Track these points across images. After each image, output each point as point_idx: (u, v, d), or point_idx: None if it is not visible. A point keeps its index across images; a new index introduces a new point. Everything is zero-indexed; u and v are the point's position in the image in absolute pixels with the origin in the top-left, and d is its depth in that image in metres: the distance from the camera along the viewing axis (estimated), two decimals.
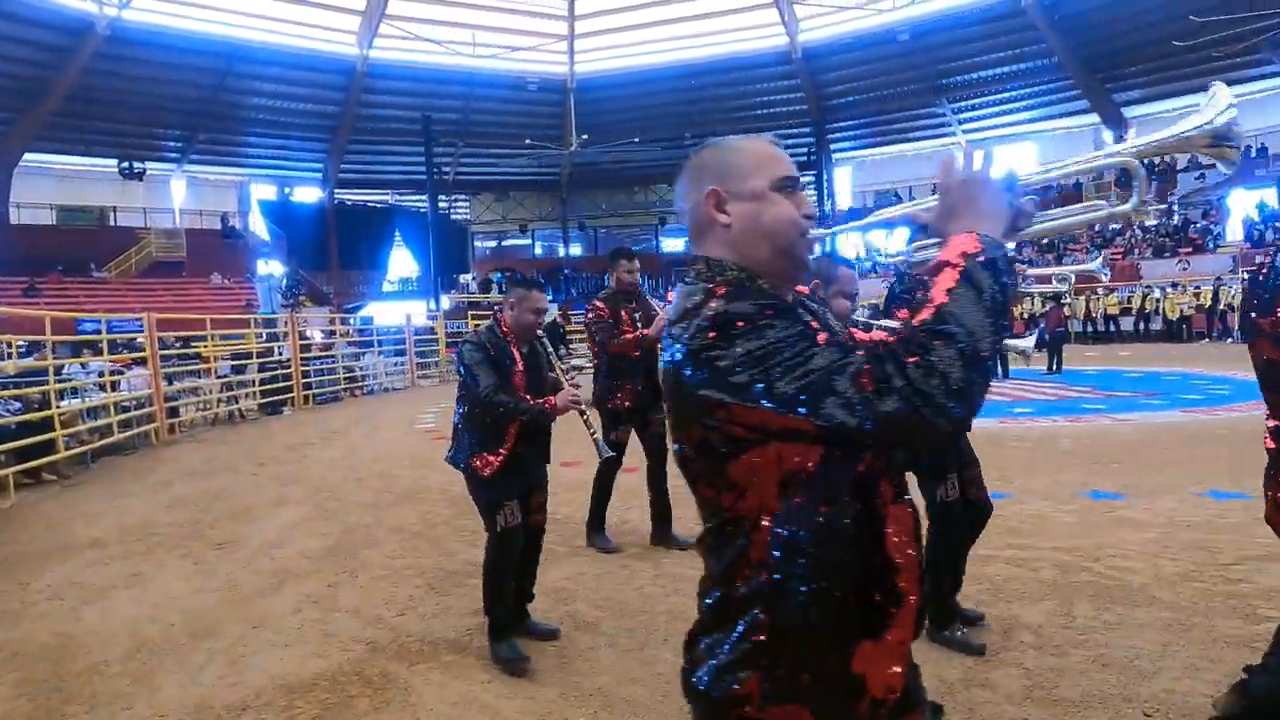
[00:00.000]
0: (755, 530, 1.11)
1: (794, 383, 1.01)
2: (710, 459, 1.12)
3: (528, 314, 3.35)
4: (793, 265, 1.23)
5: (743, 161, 1.26)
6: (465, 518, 5.64)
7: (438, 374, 19.73)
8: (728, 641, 1.13)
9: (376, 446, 9.28)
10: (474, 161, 35.64)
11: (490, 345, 3.28)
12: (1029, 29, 27.45)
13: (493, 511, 3.27)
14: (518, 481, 3.33)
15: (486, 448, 3.27)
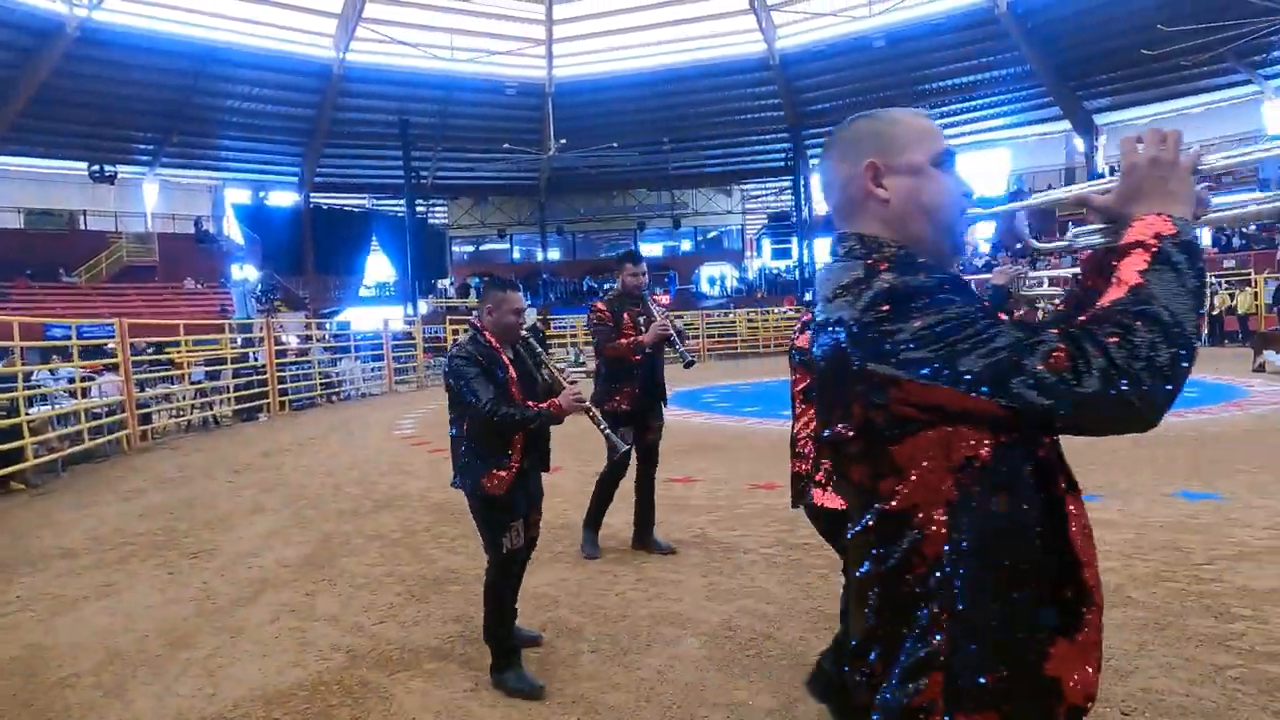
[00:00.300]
0: (927, 522, 1.03)
1: (979, 360, 0.95)
2: (872, 441, 1.05)
3: (508, 315, 3.20)
4: (952, 244, 1.19)
5: (901, 134, 1.18)
6: (445, 524, 5.60)
7: (415, 380, 19.60)
8: (903, 646, 1.05)
9: (354, 453, 9.19)
10: (452, 165, 35.48)
11: (481, 356, 3.11)
12: (1002, 37, 27.82)
13: (499, 533, 3.13)
14: (523, 497, 3.19)
15: (496, 464, 3.10)
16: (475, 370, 3.07)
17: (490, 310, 3.20)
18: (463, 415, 3.15)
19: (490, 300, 3.22)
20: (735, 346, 27.07)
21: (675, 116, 33.00)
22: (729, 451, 8.11)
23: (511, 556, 3.16)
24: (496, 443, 3.10)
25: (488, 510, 3.14)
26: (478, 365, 3.08)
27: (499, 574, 3.18)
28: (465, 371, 3.06)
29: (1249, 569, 3.89)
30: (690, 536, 5.01)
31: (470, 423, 3.11)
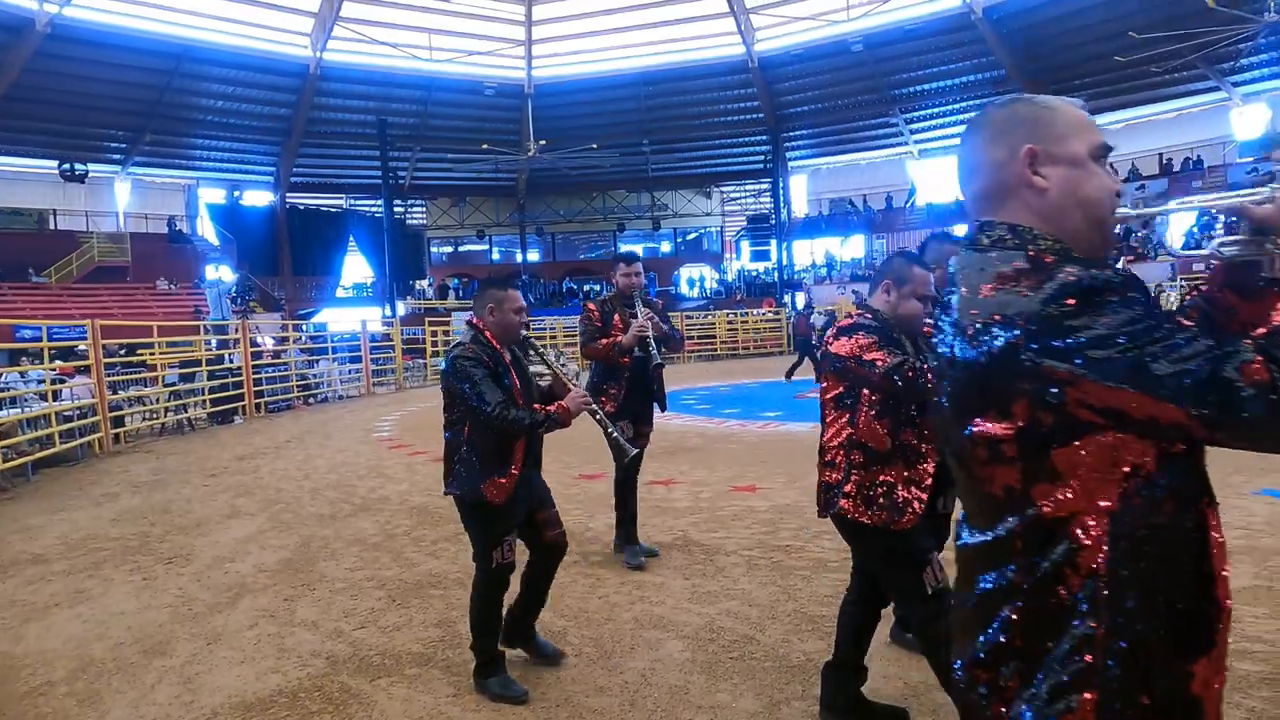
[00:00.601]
0: (1085, 532, 0.98)
1: (1172, 366, 0.90)
2: (1032, 444, 0.99)
3: (510, 315, 3.07)
4: (1104, 241, 1.13)
5: (1061, 122, 1.13)
6: (425, 528, 5.57)
7: (394, 381, 19.45)
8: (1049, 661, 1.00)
9: (332, 456, 9.10)
10: (430, 166, 35.29)
11: (487, 357, 2.97)
12: (978, 42, 28.15)
13: (491, 545, 3.04)
14: (522, 508, 3.11)
15: (497, 471, 2.98)
16: (483, 372, 2.92)
17: (491, 309, 3.07)
18: (463, 419, 3.00)
19: (490, 299, 3.09)
20: (715, 348, 27.13)
21: (655, 118, 33.07)
22: (709, 453, 8.13)
23: (500, 571, 3.06)
24: (499, 448, 2.97)
25: (484, 520, 3.03)
26: (485, 367, 2.93)
27: (487, 588, 3.08)
28: (472, 373, 2.91)
29: None
30: (672, 539, 5.01)
31: (473, 427, 2.97)
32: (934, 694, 2.86)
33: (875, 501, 2.46)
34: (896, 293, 2.55)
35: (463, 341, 3.03)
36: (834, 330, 2.59)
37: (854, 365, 2.43)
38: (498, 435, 2.94)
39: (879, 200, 34.26)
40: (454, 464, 3.04)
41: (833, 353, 2.51)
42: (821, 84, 31.86)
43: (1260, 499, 5.21)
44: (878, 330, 2.47)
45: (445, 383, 3.02)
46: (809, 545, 4.73)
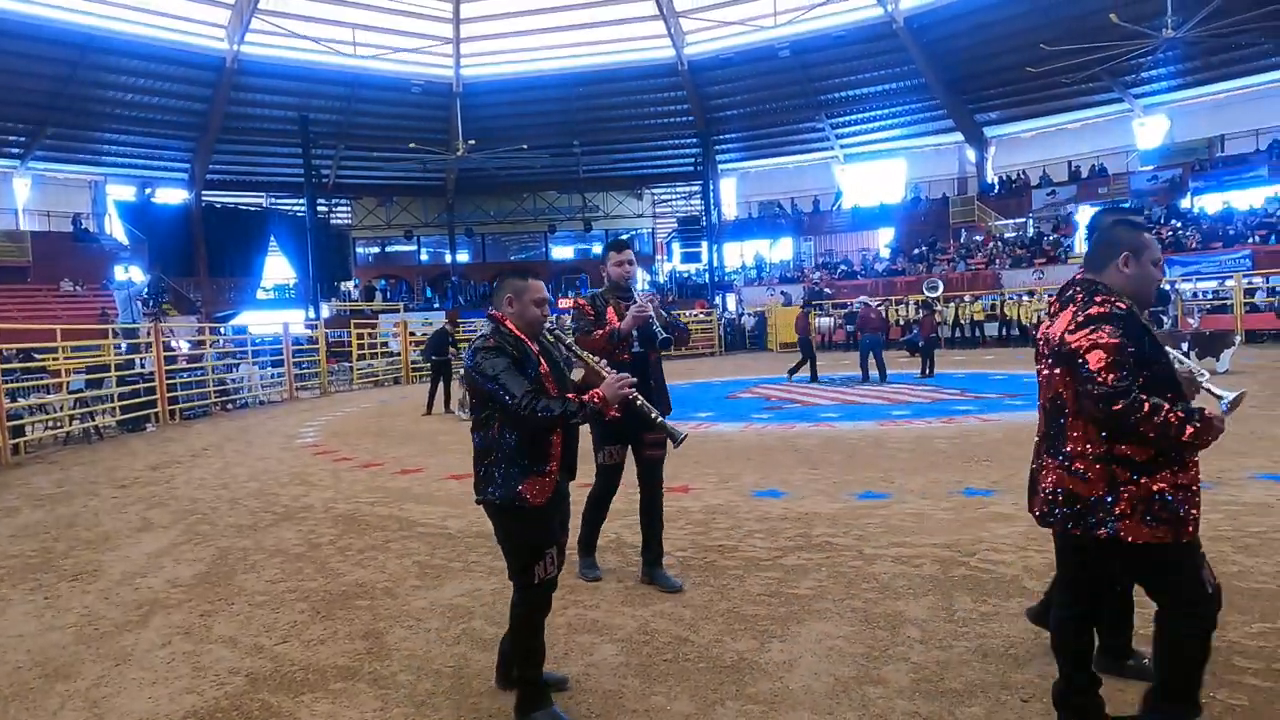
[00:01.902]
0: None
1: None
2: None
3: (532, 306, 2.84)
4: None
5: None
6: (351, 536, 5.41)
7: (319, 386, 18.90)
8: None
9: (252, 464, 8.77)
10: (355, 164, 34.43)
11: (509, 346, 2.73)
12: (900, 50, 28.97)
13: (533, 557, 2.74)
14: (560, 517, 2.89)
15: (535, 469, 2.73)
16: (504, 361, 2.68)
17: (510, 301, 2.85)
18: (492, 417, 2.76)
19: (509, 290, 2.85)
20: None
21: (586, 119, 33.00)
22: None
23: (544, 589, 2.79)
24: (534, 445, 2.74)
25: (523, 528, 2.76)
26: (507, 356, 2.69)
27: (528, 608, 2.79)
28: (493, 364, 2.67)
29: None
30: (605, 541, 4.98)
31: (502, 424, 2.74)
32: (864, 688, 2.91)
33: (1157, 517, 2.24)
34: (1136, 263, 2.35)
35: (483, 334, 2.81)
36: (1073, 317, 2.32)
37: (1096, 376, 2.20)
38: (529, 431, 2.71)
39: (807, 203, 34.94)
40: (484, 468, 2.78)
41: (1071, 347, 2.26)
42: (750, 88, 32.32)
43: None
44: (1125, 323, 2.25)
45: (467, 379, 2.83)
46: (741, 545, 4.77)
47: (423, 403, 13.38)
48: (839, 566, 4.28)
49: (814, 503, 5.71)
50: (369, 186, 35.96)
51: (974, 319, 24.92)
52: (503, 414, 2.71)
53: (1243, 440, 7.04)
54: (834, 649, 3.27)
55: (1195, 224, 24.63)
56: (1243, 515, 4.78)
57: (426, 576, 4.47)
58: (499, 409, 2.71)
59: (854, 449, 7.78)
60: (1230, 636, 3.15)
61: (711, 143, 33.47)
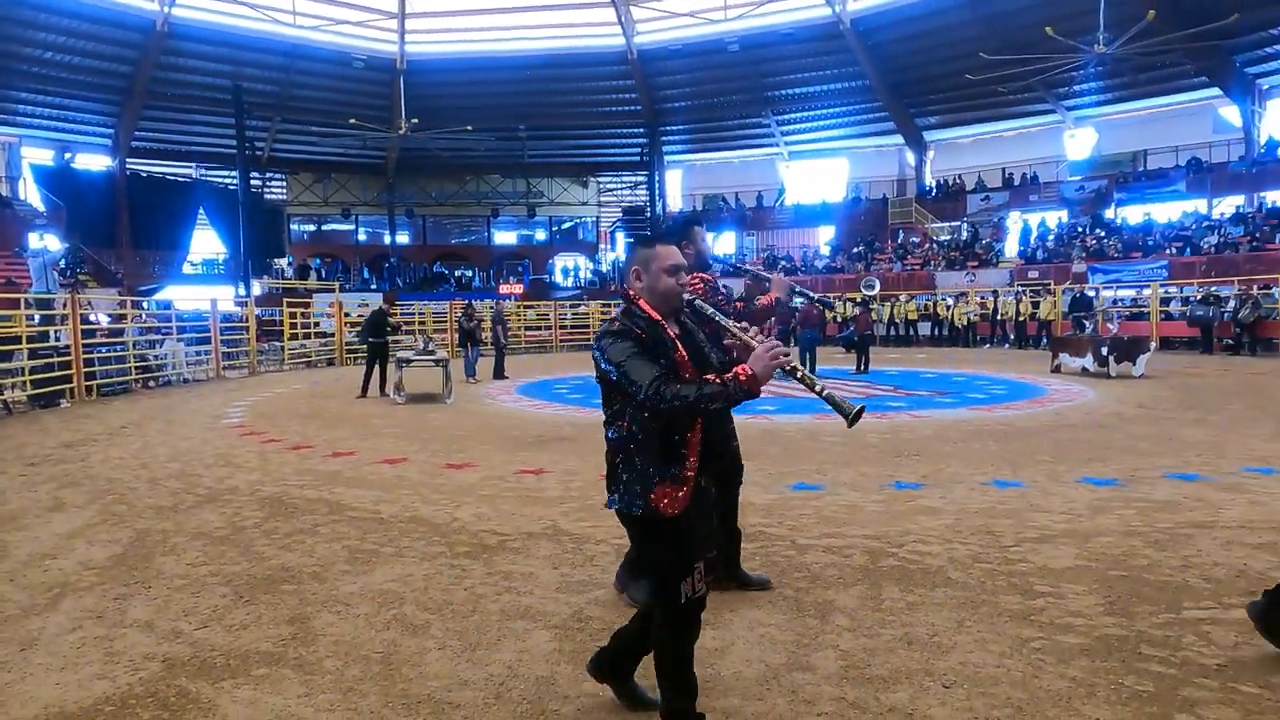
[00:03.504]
0: None
1: None
2: None
3: (663, 277, 2.44)
4: None
5: None
6: (278, 520, 5.26)
7: (248, 365, 18.31)
8: None
9: (174, 444, 8.45)
10: (292, 138, 33.37)
11: (640, 328, 2.38)
12: (846, 51, 29.43)
13: (678, 574, 2.40)
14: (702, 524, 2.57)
15: (669, 474, 2.39)
16: (630, 345, 2.34)
17: (638, 274, 2.47)
18: (623, 410, 2.42)
19: (637, 261, 2.49)
20: (588, 338, 27.14)
21: (532, 104, 32.61)
22: (581, 443, 8.11)
23: (692, 608, 2.44)
24: (666, 443, 2.39)
25: (664, 541, 2.42)
26: (634, 339, 2.35)
27: (675, 631, 2.46)
28: (617, 349, 2.34)
29: (1048, 550, 4.32)
30: (542, 529, 4.96)
31: (635, 419, 2.39)
32: (793, 675, 2.96)
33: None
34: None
35: (613, 316, 2.49)
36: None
37: None
38: (663, 425, 2.38)
39: (751, 198, 35.28)
40: (617, 470, 2.44)
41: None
42: (699, 80, 32.42)
43: (1081, 486, 5.72)
44: None
45: (597, 368, 2.46)
46: None
47: (357, 385, 13.09)
48: (772, 556, 4.34)
49: (749, 493, 5.76)
50: (306, 162, 34.91)
51: (908, 318, 25.55)
52: (634, 406, 2.38)
53: (1156, 442, 7.38)
54: (765, 636, 3.31)
55: (1118, 234, 25.71)
56: (1153, 512, 5.01)
57: (356, 561, 4.38)
58: (625, 401, 2.40)
59: (790, 442, 7.90)
60: (1139, 626, 3.31)
61: (659, 133, 33.50)
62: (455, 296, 26.47)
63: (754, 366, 2.26)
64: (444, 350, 14.44)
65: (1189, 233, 24.14)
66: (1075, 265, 24.54)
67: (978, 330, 24.10)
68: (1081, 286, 22.79)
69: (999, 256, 27.91)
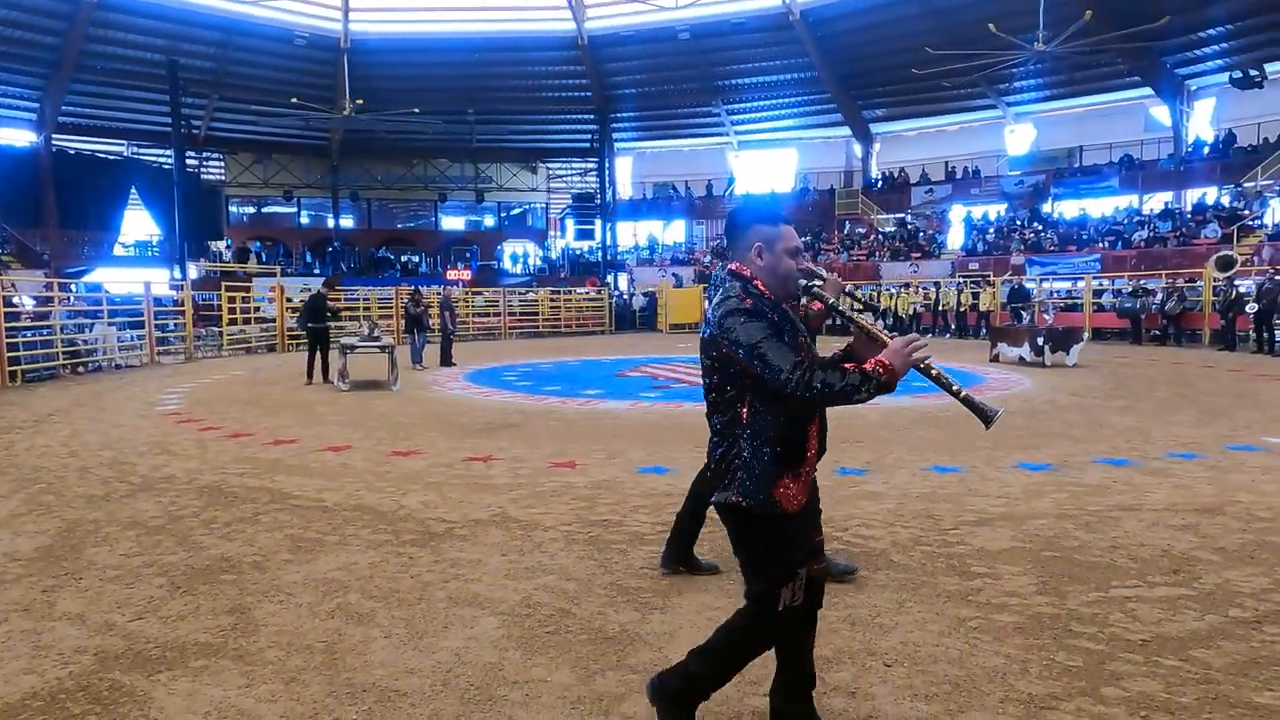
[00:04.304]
0: None
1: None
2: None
3: (786, 259, 2.27)
4: None
5: None
6: (217, 509, 5.12)
7: (184, 351, 17.74)
8: None
9: (106, 431, 8.15)
10: (230, 117, 32.29)
11: (767, 309, 2.19)
12: (796, 43, 29.65)
13: (781, 578, 2.25)
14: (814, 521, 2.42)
15: (790, 468, 2.22)
16: (765, 326, 2.14)
17: (758, 251, 2.27)
18: (739, 397, 2.22)
19: (756, 237, 2.27)
20: (537, 325, 27.00)
21: (481, 87, 32.13)
22: (529, 430, 8.07)
23: (789, 617, 2.29)
24: (790, 435, 2.22)
25: (776, 539, 2.24)
26: (767, 320, 2.16)
27: (761, 634, 2.32)
28: (749, 330, 2.14)
29: (985, 533, 4.45)
30: (490, 516, 4.93)
31: (755, 407, 2.21)
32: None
33: None
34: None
35: (730, 294, 2.24)
36: None
37: None
38: (791, 415, 2.21)
39: (701, 187, 35.40)
40: (730, 462, 2.25)
41: None
42: (649, 68, 32.33)
43: (1018, 471, 5.90)
44: None
45: (711, 350, 2.25)
46: (626, 520, 4.81)
47: (299, 371, 12.80)
48: (719, 540, 4.38)
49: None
50: (245, 141, 33.84)
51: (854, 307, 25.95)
52: (758, 394, 2.19)
53: (1088, 428, 7.66)
54: (713, 619, 3.34)
55: (1054, 227, 26.52)
56: (1084, 495, 5.21)
57: (299, 550, 4.29)
58: (752, 388, 2.20)
59: None
60: (1069, 605, 3.44)
61: (609, 120, 33.35)
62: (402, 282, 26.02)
63: (892, 360, 2.13)
64: (390, 336, 14.21)
65: (1121, 227, 25.02)
66: (1014, 258, 25.23)
67: (921, 320, 24.62)
68: (1019, 278, 23.45)
69: (941, 248, 28.54)
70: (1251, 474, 5.76)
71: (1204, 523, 4.58)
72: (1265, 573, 3.78)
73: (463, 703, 2.71)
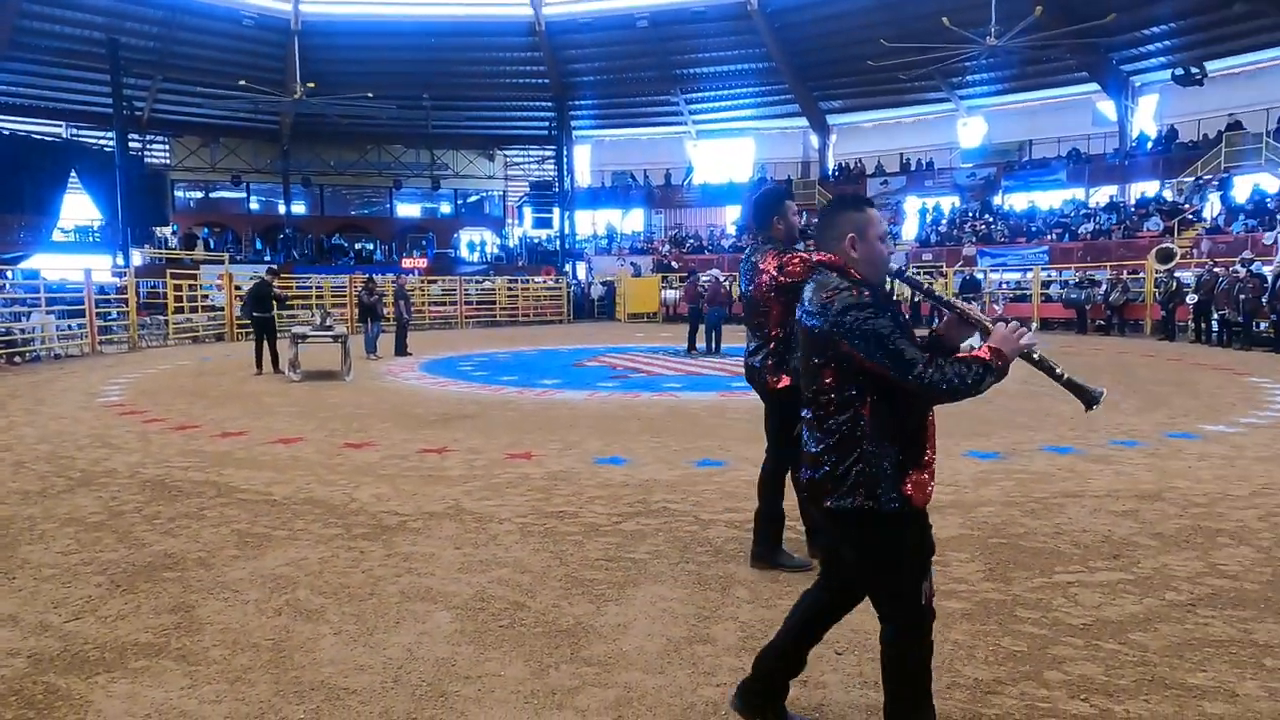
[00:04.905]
0: None
1: None
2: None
3: (878, 244, 2.23)
4: None
5: None
6: (160, 504, 4.98)
7: (128, 340, 17.22)
8: None
9: (44, 424, 7.88)
10: (175, 99, 31.27)
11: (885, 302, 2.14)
12: (754, 32, 29.70)
13: (918, 574, 2.18)
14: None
15: (916, 461, 2.15)
16: (889, 320, 2.07)
17: (851, 240, 2.21)
18: (860, 396, 2.12)
19: (848, 225, 2.22)
20: (494, 314, 26.77)
21: (437, 72, 31.57)
22: (485, 421, 8.00)
23: (932, 615, 2.23)
24: (913, 429, 2.15)
25: (908, 538, 2.17)
26: (888, 312, 2.09)
27: (916, 640, 2.20)
28: (879, 325, 2.05)
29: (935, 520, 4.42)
30: (444, 508, 4.87)
31: (877, 405, 2.12)
32: (694, 647, 3.01)
33: None
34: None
35: (836, 286, 2.14)
36: None
37: None
38: (911, 409, 2.14)
39: (659, 176, 35.34)
40: (843, 466, 2.14)
41: None
42: (608, 55, 32.09)
43: (967, 459, 6.02)
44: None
45: (825, 349, 2.14)
46: (582, 511, 4.80)
47: (248, 362, 12.51)
48: (675, 531, 4.40)
49: (654, 470, 5.83)
50: (191, 124, 32.82)
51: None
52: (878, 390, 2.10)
53: (1034, 416, 7.84)
54: (668, 610, 3.36)
55: (1005, 219, 27.06)
56: (1030, 483, 5.33)
57: (246, 546, 4.20)
58: (872, 385, 2.10)
59: (695, 418, 8.01)
60: (1015, 590, 3.52)
61: (567, 108, 33.06)
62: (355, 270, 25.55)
63: (1000, 344, 2.09)
64: (343, 326, 13.95)
65: (1068, 220, 25.64)
66: (966, 249, 25.71)
67: None
68: (971, 269, 23.91)
69: (896, 239, 28.93)
70: (1188, 461, 5.95)
71: (1143, 509, 4.73)
72: (1200, 557, 3.92)
73: (414, 699, 2.67)
